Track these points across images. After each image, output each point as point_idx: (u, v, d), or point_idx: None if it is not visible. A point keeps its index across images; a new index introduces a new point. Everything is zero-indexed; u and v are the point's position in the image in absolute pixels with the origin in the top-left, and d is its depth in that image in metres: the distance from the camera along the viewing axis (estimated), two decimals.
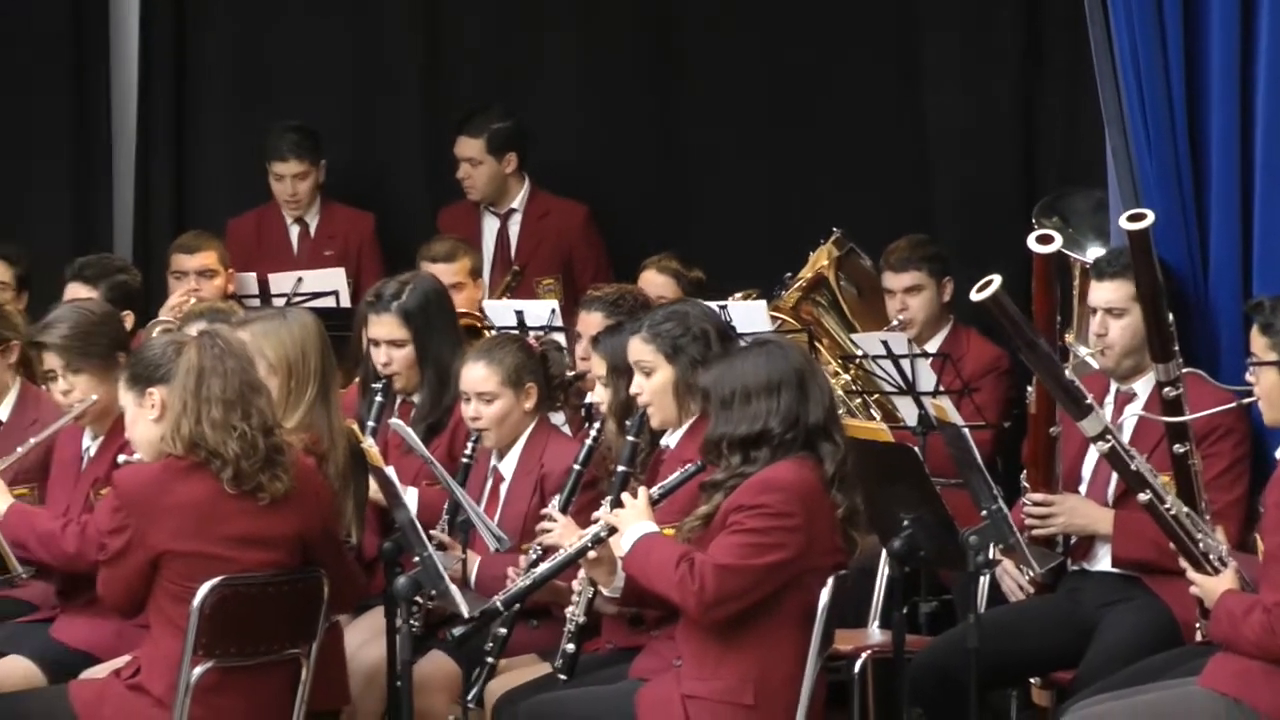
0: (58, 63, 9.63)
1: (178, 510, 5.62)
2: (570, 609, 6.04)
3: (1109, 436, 5.79)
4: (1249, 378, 5.57)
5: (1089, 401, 5.82)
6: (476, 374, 6.48)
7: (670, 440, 6.11)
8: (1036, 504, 6.31)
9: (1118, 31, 6.38)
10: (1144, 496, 5.72)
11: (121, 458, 6.12)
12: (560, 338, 7.54)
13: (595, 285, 7.56)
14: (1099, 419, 5.82)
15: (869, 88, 9.19)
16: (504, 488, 6.52)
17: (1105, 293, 6.30)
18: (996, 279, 5.71)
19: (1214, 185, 6.37)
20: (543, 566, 5.88)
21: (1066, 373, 5.91)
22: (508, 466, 6.53)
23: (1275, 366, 5.45)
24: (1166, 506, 5.69)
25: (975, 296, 5.76)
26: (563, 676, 5.99)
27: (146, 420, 5.70)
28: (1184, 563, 5.67)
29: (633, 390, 6.11)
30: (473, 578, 6.34)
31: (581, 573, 5.92)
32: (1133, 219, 5.95)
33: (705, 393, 5.71)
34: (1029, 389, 6.38)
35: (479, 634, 6.00)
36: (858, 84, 9.20)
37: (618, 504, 5.79)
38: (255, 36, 9.70)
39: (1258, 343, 5.50)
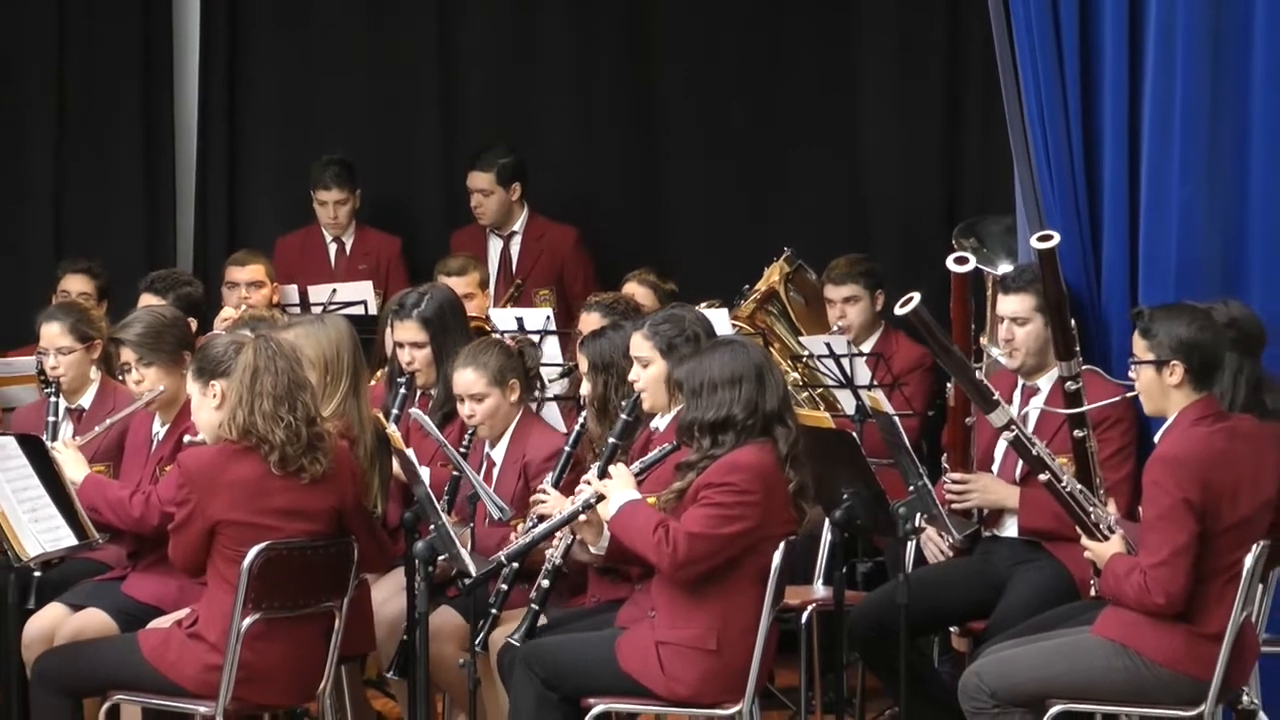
0: (129, 110, 9.61)
1: (231, 486, 5.62)
2: (550, 551, 6.03)
3: (1014, 427, 5.82)
4: (1131, 375, 5.58)
5: (996, 398, 5.85)
6: (466, 378, 6.44)
7: (660, 423, 6.11)
8: (955, 482, 6.32)
9: (1025, 82, 6.39)
10: (1044, 476, 5.73)
11: (186, 438, 6.12)
12: (552, 339, 7.55)
13: (594, 293, 7.57)
14: (1005, 412, 5.85)
15: (815, 130, 9.21)
16: (496, 471, 6.50)
17: (1010, 305, 6.30)
18: (916, 296, 5.75)
19: (1106, 212, 6.39)
20: (541, 526, 5.89)
21: (978, 373, 5.92)
22: (499, 454, 6.51)
23: (1152, 365, 5.46)
24: (1063, 485, 5.71)
25: (899, 311, 5.79)
26: (535, 608, 5.97)
27: (209, 407, 5.71)
28: (1078, 531, 5.68)
29: (631, 377, 6.11)
30: (472, 542, 6.32)
31: (562, 531, 5.91)
32: (1042, 239, 5.97)
33: (679, 384, 5.71)
34: (949, 385, 6.39)
35: (484, 588, 5.98)
36: (805, 127, 9.22)
37: (605, 471, 5.79)
38: (298, 83, 9.68)
39: (1138, 345, 5.52)
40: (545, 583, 6.01)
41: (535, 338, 7.40)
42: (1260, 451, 5.47)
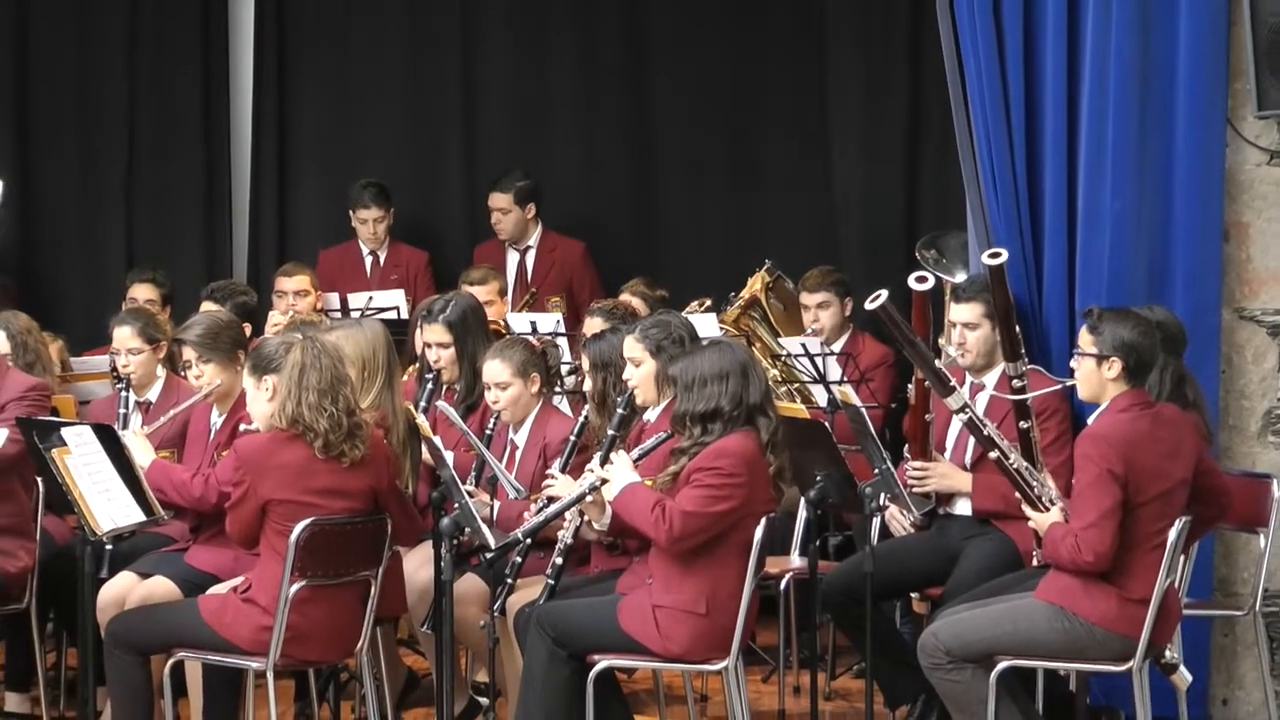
0: (191, 141, 9.61)
1: (281, 469, 5.62)
2: (561, 533, 6.03)
3: (967, 409, 5.82)
4: (1073, 364, 5.59)
5: (953, 383, 5.84)
6: (494, 368, 6.44)
7: (651, 415, 6.10)
8: (916, 469, 6.31)
9: (975, 115, 6.40)
10: (994, 454, 5.75)
11: (242, 426, 6.11)
12: (563, 341, 7.54)
13: (595, 300, 7.56)
14: (960, 396, 5.85)
15: (792, 159, 9.21)
16: (518, 453, 6.49)
17: (962, 313, 6.31)
18: (884, 293, 5.75)
19: (1046, 228, 6.40)
20: (552, 507, 5.88)
21: (937, 362, 5.91)
22: (520, 437, 6.50)
23: (1094, 358, 5.46)
24: (1010, 461, 5.73)
25: (869, 306, 5.78)
26: (551, 583, 5.96)
27: (262, 400, 5.70)
28: (1024, 506, 5.68)
29: (625, 376, 6.10)
30: (495, 518, 6.32)
31: (571, 511, 5.90)
32: (992, 256, 5.97)
33: (673, 379, 5.70)
34: (910, 385, 6.39)
35: (503, 559, 5.98)
36: (783, 156, 9.22)
37: (607, 458, 5.78)
38: (338, 117, 9.68)
39: (1084, 338, 5.53)
40: (559, 560, 6.00)
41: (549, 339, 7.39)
42: (1180, 436, 5.48)
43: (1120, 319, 5.47)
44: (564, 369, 7.26)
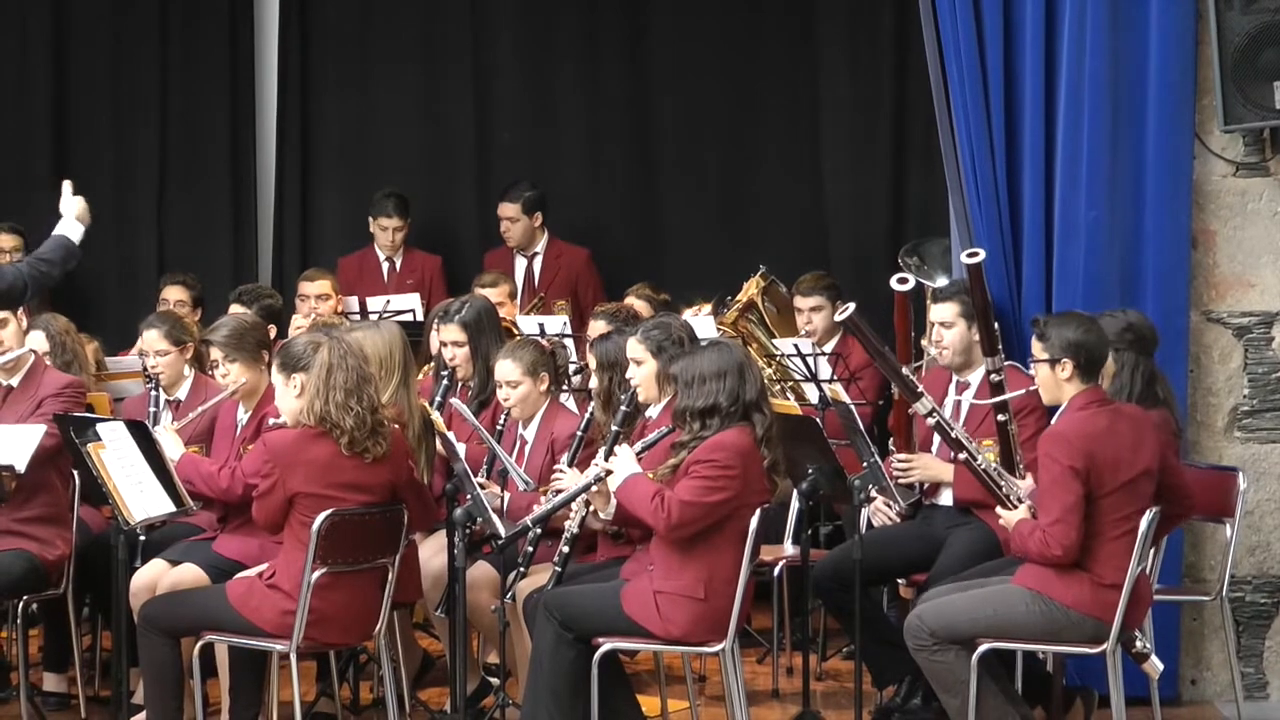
0: (220, 156, 9.60)
1: (308, 464, 5.61)
2: (567, 522, 6.02)
3: (935, 414, 5.83)
4: (1030, 371, 5.58)
5: (920, 389, 5.86)
6: (505, 368, 6.42)
7: (652, 412, 6.08)
8: (901, 461, 6.31)
9: (959, 126, 6.40)
10: (962, 455, 5.74)
11: (270, 420, 6.08)
12: (570, 342, 7.52)
13: (599, 304, 7.53)
14: (927, 401, 5.90)
15: (784, 169, 9.21)
16: (527, 448, 6.47)
17: (940, 313, 6.31)
18: (851, 306, 5.80)
19: (1025, 234, 6.40)
20: (560, 495, 5.87)
21: (920, 368, 5.91)
22: (530, 433, 6.48)
23: (1047, 363, 5.46)
24: (977, 462, 5.76)
25: (837, 318, 5.80)
26: (558, 569, 5.95)
27: (290, 396, 5.69)
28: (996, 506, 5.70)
29: (628, 375, 6.08)
30: (505, 509, 6.30)
31: (577, 502, 5.89)
32: (970, 256, 5.97)
33: (673, 378, 5.69)
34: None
35: (513, 546, 5.97)
36: (777, 167, 9.21)
37: (611, 452, 5.78)
38: (358, 133, 9.67)
39: (1036, 347, 5.55)
40: (565, 549, 5.99)
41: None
42: (1140, 430, 5.48)
43: (1064, 322, 5.49)
44: (571, 369, 7.24)
